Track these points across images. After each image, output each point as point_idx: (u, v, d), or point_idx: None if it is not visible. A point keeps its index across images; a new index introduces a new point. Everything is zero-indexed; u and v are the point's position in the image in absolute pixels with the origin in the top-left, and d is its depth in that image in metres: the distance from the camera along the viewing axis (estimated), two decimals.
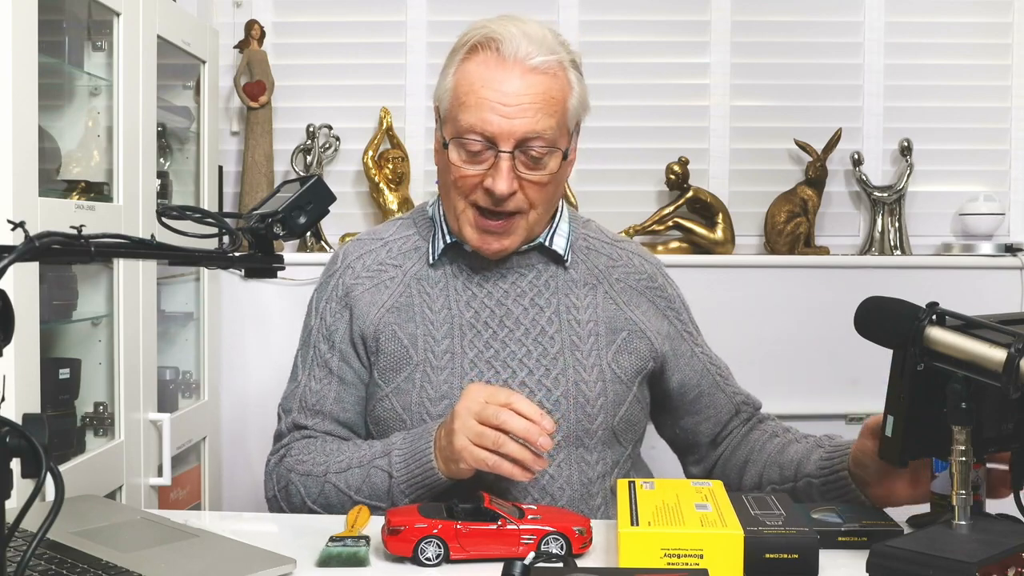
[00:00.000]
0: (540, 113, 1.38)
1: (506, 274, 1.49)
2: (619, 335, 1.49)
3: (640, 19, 2.81)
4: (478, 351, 1.46)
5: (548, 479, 1.43)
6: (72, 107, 2.09)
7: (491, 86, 1.37)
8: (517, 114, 1.36)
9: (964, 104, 2.82)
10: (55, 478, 0.82)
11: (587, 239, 1.57)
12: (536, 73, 1.38)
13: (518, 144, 1.37)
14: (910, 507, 1.36)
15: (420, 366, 1.45)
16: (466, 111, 1.38)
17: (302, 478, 1.44)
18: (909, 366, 1.12)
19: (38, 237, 0.88)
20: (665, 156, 2.74)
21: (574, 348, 1.47)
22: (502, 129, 1.36)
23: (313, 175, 1.44)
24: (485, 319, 1.47)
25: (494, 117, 1.36)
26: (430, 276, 1.50)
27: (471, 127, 1.38)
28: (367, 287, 1.51)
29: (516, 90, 1.37)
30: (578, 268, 1.52)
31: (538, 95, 1.38)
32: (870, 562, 1.08)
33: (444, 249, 1.50)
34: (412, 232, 1.56)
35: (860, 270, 2.70)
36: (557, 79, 1.41)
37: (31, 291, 1.65)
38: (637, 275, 1.55)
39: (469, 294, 1.48)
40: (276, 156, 2.75)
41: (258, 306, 2.69)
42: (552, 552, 1.16)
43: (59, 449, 1.86)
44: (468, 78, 1.40)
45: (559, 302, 1.49)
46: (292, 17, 2.82)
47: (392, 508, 1.24)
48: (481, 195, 1.41)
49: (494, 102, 1.37)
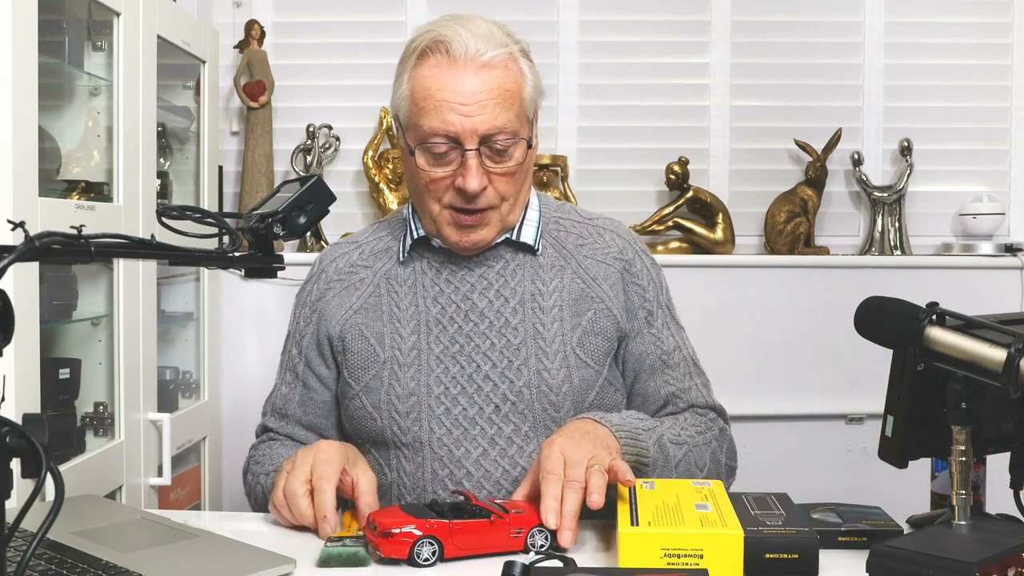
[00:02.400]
0: (498, 108, 1.40)
1: (474, 267, 1.50)
2: (584, 316, 1.48)
3: (640, 19, 2.81)
4: (444, 347, 1.47)
5: (520, 471, 1.43)
6: (72, 107, 2.09)
7: (447, 88, 1.39)
8: (476, 111, 1.38)
9: (964, 104, 2.82)
10: (55, 478, 0.82)
11: (559, 221, 1.56)
12: (489, 68, 1.40)
13: (482, 141, 1.39)
14: (910, 507, 1.36)
15: (387, 364, 1.47)
16: (426, 116, 1.40)
17: (253, 478, 1.53)
18: (909, 366, 1.12)
19: (38, 237, 0.88)
20: (665, 156, 2.74)
21: (537, 336, 1.47)
22: (464, 128, 1.38)
23: (313, 175, 1.44)
24: (451, 314, 1.48)
25: (455, 117, 1.38)
26: (399, 275, 1.52)
27: (434, 130, 1.39)
28: (338, 291, 1.54)
29: (472, 88, 1.39)
30: (547, 253, 1.52)
31: (494, 90, 1.40)
32: (870, 562, 1.08)
33: (414, 246, 1.51)
34: (385, 233, 1.58)
35: (860, 270, 2.71)
36: (510, 71, 1.42)
37: (31, 291, 1.65)
38: (606, 249, 1.53)
39: (437, 290, 1.50)
40: (276, 156, 2.75)
41: (258, 306, 2.69)
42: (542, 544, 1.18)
43: (59, 449, 1.86)
44: (423, 83, 1.41)
45: (525, 290, 1.49)
46: (292, 17, 2.82)
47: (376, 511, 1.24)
48: (453, 195, 1.42)
49: (452, 103, 1.38)
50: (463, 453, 1.43)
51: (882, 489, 1.78)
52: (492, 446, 1.44)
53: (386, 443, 1.47)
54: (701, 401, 1.53)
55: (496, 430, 1.44)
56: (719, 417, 1.54)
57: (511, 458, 1.43)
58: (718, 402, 1.56)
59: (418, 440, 1.44)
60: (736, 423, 1.57)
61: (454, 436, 1.44)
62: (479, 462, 1.43)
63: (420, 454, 1.44)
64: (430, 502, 1.23)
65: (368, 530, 1.19)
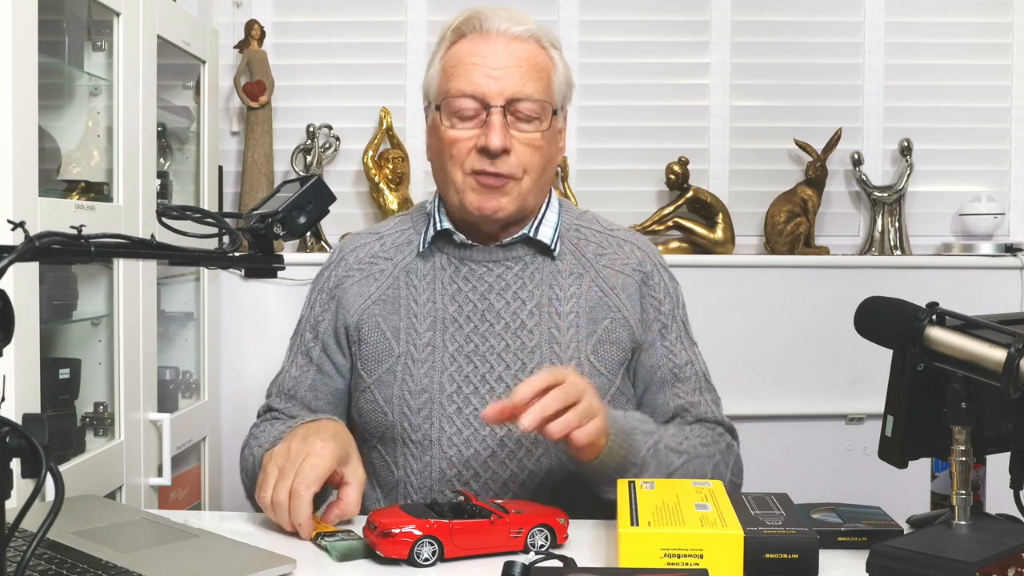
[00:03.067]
0: (526, 77, 1.43)
1: (492, 267, 1.50)
2: (600, 324, 1.48)
3: (640, 19, 2.81)
4: (458, 345, 1.47)
5: (528, 474, 1.43)
6: (72, 107, 2.09)
7: (477, 54, 1.43)
8: (504, 76, 1.42)
9: (964, 104, 2.82)
10: (55, 478, 0.82)
11: (579, 229, 1.56)
12: (520, 41, 1.45)
13: (508, 102, 1.42)
14: (910, 507, 1.36)
15: (401, 358, 1.47)
16: (455, 79, 1.44)
17: (248, 452, 1.51)
18: (909, 366, 1.12)
19: (38, 237, 0.88)
20: (665, 156, 2.74)
21: (552, 341, 1.47)
22: (491, 89, 1.42)
23: (313, 175, 1.44)
24: (468, 313, 1.48)
25: (482, 79, 1.42)
26: (419, 268, 1.52)
27: (460, 91, 1.43)
28: (357, 279, 1.54)
29: (502, 55, 1.43)
30: (566, 259, 1.52)
31: (523, 60, 1.44)
32: (870, 562, 1.08)
33: (435, 239, 1.51)
34: (408, 227, 1.58)
35: (860, 270, 2.70)
36: (542, 50, 1.47)
37: (31, 291, 1.65)
38: (625, 260, 1.54)
39: (455, 288, 1.49)
40: (276, 156, 2.75)
41: (258, 306, 2.69)
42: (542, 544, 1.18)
43: (59, 449, 1.86)
44: (456, 55, 1.45)
45: (542, 294, 1.49)
46: (292, 17, 2.82)
47: (375, 510, 1.24)
48: (476, 158, 1.43)
49: (481, 66, 1.42)
50: (472, 454, 1.43)
51: (882, 489, 1.78)
52: (501, 448, 1.43)
53: (395, 440, 1.46)
54: (710, 416, 1.52)
55: (506, 432, 1.43)
56: (727, 433, 1.53)
57: (519, 461, 1.43)
58: (728, 419, 1.55)
59: (428, 438, 1.44)
60: (736, 423, 1.56)
61: (464, 436, 1.44)
62: (487, 463, 1.43)
63: (429, 452, 1.44)
64: (430, 502, 1.23)
65: (368, 530, 1.19)
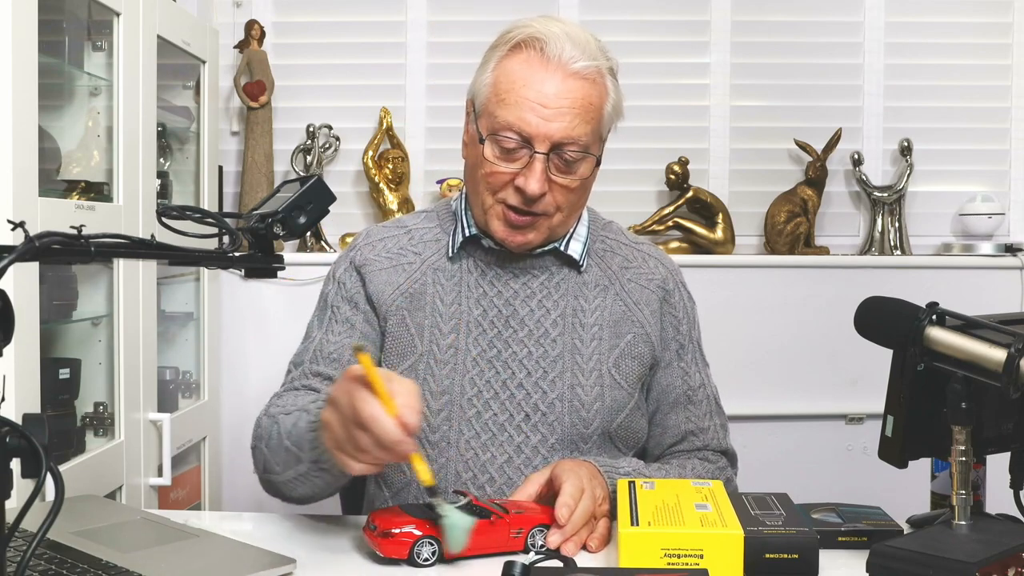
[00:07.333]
0: (578, 118, 1.38)
1: (519, 274, 1.50)
2: (623, 338, 1.49)
3: (640, 19, 2.81)
4: (481, 349, 1.46)
5: None
6: (72, 107, 2.09)
7: (532, 86, 1.37)
8: (555, 117, 1.37)
9: (964, 104, 2.82)
10: (55, 478, 0.82)
11: (605, 241, 1.57)
12: (577, 78, 1.39)
13: (553, 147, 1.38)
14: (910, 507, 1.36)
15: (424, 358, 1.46)
16: (504, 108, 1.38)
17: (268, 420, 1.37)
18: (909, 366, 1.12)
19: (38, 237, 0.88)
20: (665, 156, 2.74)
21: (575, 352, 1.47)
22: (539, 131, 1.37)
23: (313, 175, 1.44)
24: (492, 318, 1.47)
25: (532, 117, 1.37)
26: (447, 268, 1.51)
27: (508, 125, 1.38)
28: (384, 266, 1.51)
29: (556, 92, 1.37)
30: (591, 271, 1.52)
31: (577, 100, 1.38)
32: (870, 562, 1.08)
33: (463, 243, 1.50)
34: (434, 224, 1.56)
35: (860, 270, 2.70)
36: (596, 85, 1.41)
37: (31, 291, 1.65)
38: (649, 275, 1.55)
39: (480, 291, 1.49)
40: (276, 156, 2.75)
41: (258, 306, 2.69)
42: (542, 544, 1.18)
43: (59, 449, 1.86)
44: (509, 76, 1.40)
45: (567, 305, 1.49)
46: (292, 17, 2.82)
47: (373, 511, 1.24)
48: (511, 193, 1.41)
49: (534, 102, 1.37)
50: (489, 458, 1.43)
51: (882, 489, 1.78)
52: (518, 454, 1.43)
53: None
54: (715, 444, 1.55)
55: (523, 438, 1.43)
56: (729, 465, 1.56)
57: (535, 468, 1.42)
58: (732, 446, 1.58)
59: (446, 440, 1.44)
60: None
61: (482, 440, 1.43)
62: (503, 469, 1.43)
63: (446, 455, 1.44)
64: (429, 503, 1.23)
65: (368, 530, 1.19)
